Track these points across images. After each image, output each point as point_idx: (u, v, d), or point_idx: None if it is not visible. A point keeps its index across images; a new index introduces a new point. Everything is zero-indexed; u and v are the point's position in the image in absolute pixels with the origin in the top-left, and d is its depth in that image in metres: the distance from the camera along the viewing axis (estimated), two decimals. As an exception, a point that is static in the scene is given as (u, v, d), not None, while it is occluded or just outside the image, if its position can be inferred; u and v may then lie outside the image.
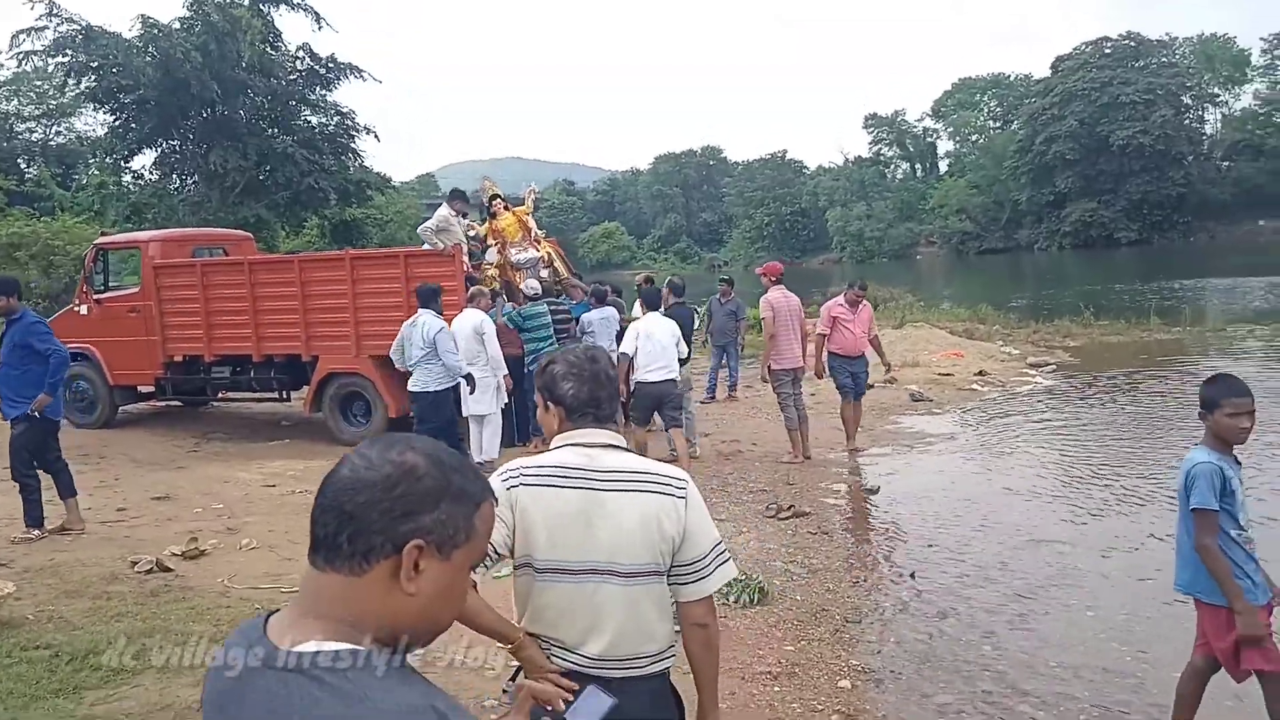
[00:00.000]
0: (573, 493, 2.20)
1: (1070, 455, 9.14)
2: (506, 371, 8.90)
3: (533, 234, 11.00)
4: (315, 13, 29.94)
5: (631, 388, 8.17)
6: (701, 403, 12.48)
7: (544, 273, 10.87)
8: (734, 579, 3.57)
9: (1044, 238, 68.48)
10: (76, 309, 11.91)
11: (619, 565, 2.17)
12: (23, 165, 36.13)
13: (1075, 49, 70.76)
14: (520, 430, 10.00)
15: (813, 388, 13.48)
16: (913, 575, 6.05)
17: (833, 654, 4.84)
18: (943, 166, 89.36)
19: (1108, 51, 68.43)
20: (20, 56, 28.29)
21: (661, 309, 8.89)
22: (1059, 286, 32.92)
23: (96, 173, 32.33)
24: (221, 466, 9.63)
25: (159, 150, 30.32)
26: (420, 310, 8.39)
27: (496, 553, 2.18)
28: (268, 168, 29.78)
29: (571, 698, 2.03)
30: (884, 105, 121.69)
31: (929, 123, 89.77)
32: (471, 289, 9.07)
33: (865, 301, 9.66)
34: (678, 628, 2.32)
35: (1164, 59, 68.44)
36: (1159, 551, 5.74)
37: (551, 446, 2.31)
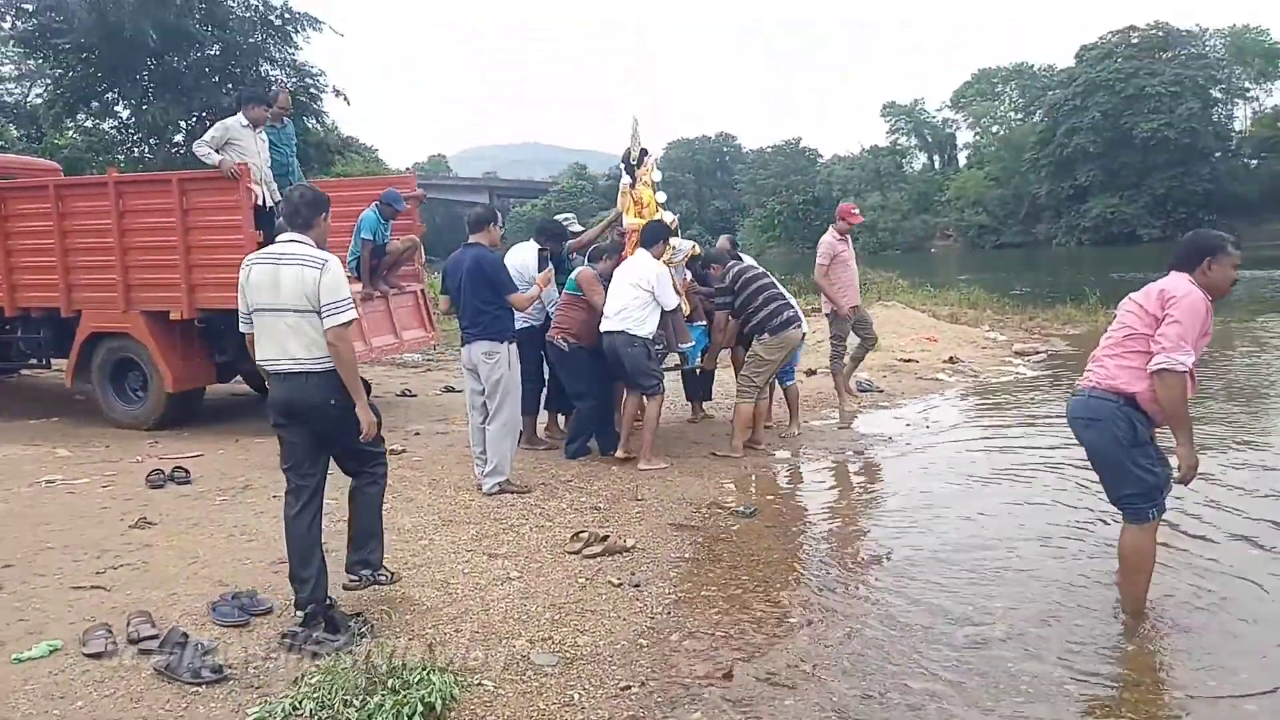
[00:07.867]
0: (266, 266, 3.89)
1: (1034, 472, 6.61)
2: None
3: (672, 223, 7.35)
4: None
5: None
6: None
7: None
8: None
9: (1063, 232, 65.16)
10: None
11: (290, 305, 3.82)
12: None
13: (1101, 38, 67.49)
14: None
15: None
16: (727, 678, 3.60)
17: None
18: (961, 159, 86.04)
19: (1134, 41, 65.15)
20: None
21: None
22: (1074, 277, 30.10)
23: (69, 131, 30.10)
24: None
25: (100, 103, 28.24)
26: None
27: (248, 309, 3.94)
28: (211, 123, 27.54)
29: None
30: (902, 94, 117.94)
31: (948, 113, 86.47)
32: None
33: None
34: None
35: (1193, 50, 65.07)
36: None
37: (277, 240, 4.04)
